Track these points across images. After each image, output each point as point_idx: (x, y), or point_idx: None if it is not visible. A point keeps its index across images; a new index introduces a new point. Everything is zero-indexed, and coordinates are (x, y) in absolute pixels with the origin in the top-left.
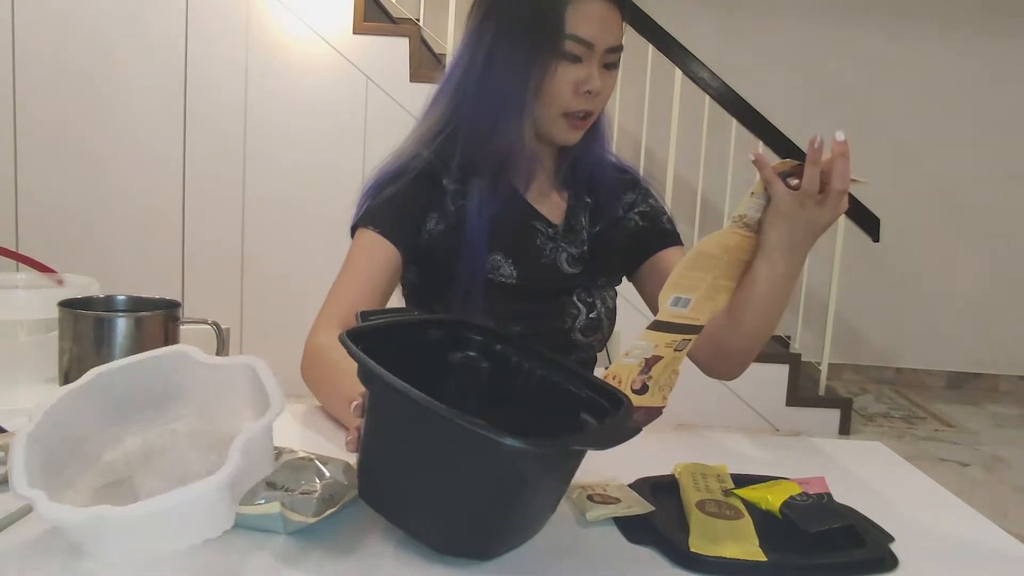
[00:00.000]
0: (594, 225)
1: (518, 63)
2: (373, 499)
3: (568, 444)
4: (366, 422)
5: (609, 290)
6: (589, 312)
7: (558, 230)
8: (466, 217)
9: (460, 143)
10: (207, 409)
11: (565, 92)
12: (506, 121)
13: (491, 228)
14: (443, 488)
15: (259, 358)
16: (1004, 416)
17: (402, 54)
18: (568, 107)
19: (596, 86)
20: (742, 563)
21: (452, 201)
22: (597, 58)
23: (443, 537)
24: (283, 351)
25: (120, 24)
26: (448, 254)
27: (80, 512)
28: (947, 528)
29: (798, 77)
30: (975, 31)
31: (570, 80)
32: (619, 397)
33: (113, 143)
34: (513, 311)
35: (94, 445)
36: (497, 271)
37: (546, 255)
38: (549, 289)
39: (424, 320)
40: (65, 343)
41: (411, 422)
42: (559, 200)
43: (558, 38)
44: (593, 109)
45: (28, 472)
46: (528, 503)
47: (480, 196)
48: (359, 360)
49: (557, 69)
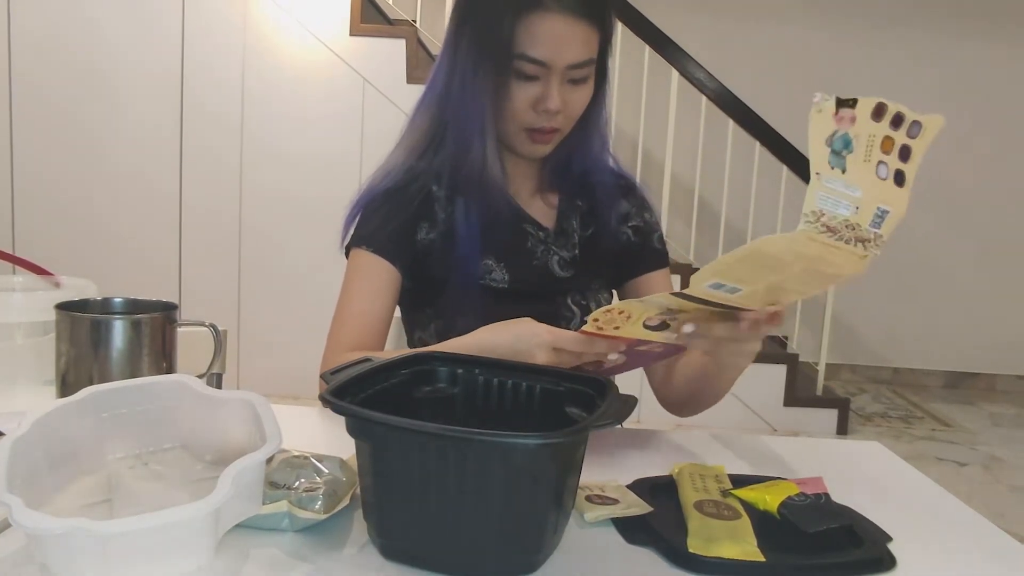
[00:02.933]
0: (585, 229)
1: (475, 80)
2: (404, 555)
3: (585, 426)
4: (367, 481)
5: (604, 292)
6: (584, 315)
7: (549, 233)
8: (456, 225)
9: (445, 152)
10: (200, 440)
11: (522, 110)
12: (472, 136)
13: (482, 234)
14: (474, 513)
15: (258, 395)
16: (1001, 416)
17: (399, 55)
18: (528, 124)
19: (554, 105)
20: (740, 563)
21: (442, 208)
22: (557, 76)
23: (490, 563)
24: (280, 353)
25: (117, 27)
26: (440, 261)
27: (56, 522)
28: (945, 528)
29: (795, 77)
30: (975, 31)
31: (526, 99)
32: (600, 381)
33: (110, 146)
34: (506, 315)
35: (78, 464)
36: (488, 275)
37: (537, 258)
38: (541, 292)
39: (386, 365)
40: (62, 345)
41: (423, 460)
42: (550, 202)
43: (508, 59)
44: (558, 126)
45: (9, 478)
46: (557, 500)
47: (467, 204)
48: (352, 414)
49: (511, 88)
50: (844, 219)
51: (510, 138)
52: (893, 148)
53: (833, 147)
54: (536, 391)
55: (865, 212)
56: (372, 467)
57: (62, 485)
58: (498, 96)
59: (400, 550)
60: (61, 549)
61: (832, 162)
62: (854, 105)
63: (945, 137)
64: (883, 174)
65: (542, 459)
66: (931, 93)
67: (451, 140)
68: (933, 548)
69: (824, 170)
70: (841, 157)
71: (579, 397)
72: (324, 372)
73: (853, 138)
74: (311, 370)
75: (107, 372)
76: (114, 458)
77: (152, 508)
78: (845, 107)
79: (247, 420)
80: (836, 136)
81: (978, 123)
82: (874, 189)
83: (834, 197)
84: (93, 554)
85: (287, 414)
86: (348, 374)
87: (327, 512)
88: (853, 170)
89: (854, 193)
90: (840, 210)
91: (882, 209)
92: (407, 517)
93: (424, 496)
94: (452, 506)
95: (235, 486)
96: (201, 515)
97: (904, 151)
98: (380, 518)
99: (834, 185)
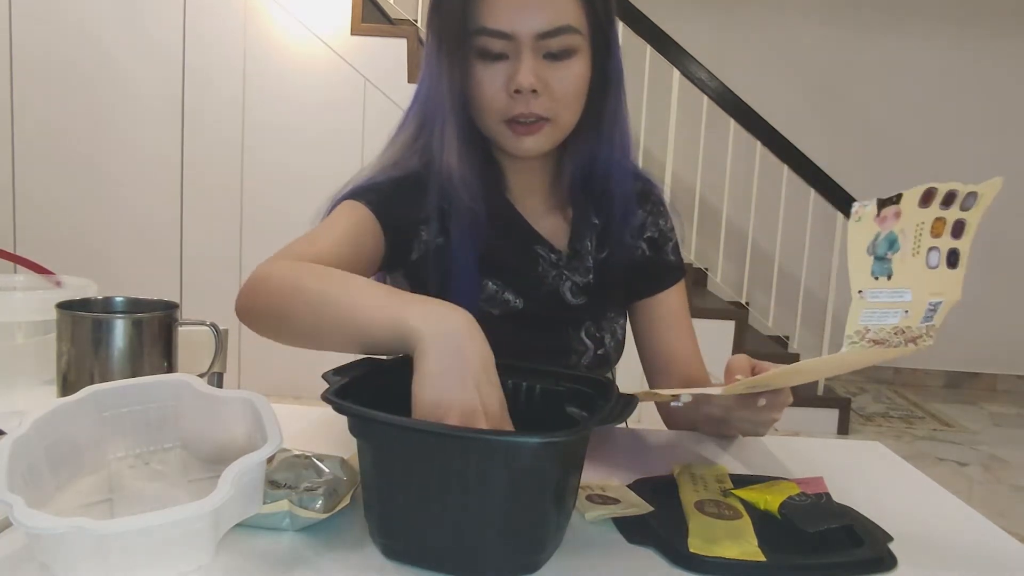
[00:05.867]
0: (601, 250)
1: (439, 70)
2: (406, 555)
3: (587, 426)
4: (369, 481)
5: (619, 320)
6: (597, 349)
7: (562, 256)
8: (452, 245)
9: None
10: (200, 440)
11: (494, 95)
12: (437, 139)
13: (487, 253)
14: (475, 513)
15: (259, 394)
16: (1002, 415)
17: (400, 55)
18: (504, 112)
19: (525, 80)
20: (741, 563)
21: (444, 219)
22: (527, 49)
23: (491, 562)
24: (281, 353)
25: (118, 27)
26: (438, 277)
27: (57, 521)
28: (946, 528)
29: (796, 77)
30: (976, 31)
31: (495, 82)
32: (600, 380)
33: (111, 145)
34: (516, 347)
35: (79, 463)
36: (494, 299)
37: (548, 283)
38: (553, 320)
39: (389, 365)
40: (63, 345)
41: (425, 460)
42: (562, 219)
43: (467, 36)
44: (540, 111)
45: (9, 478)
46: (559, 500)
47: (460, 228)
48: (354, 414)
49: (478, 72)
50: (893, 327)
51: (492, 134)
52: (945, 229)
53: (876, 253)
54: (536, 391)
55: (915, 313)
56: (374, 467)
57: (62, 484)
58: (467, 84)
59: (402, 550)
60: (61, 549)
61: (876, 271)
62: (899, 200)
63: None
64: (934, 262)
65: (544, 459)
66: (933, 92)
67: (429, 140)
68: (934, 548)
69: (867, 285)
70: (886, 261)
71: (579, 397)
72: (326, 372)
73: (899, 234)
74: (312, 370)
75: (108, 371)
76: (115, 457)
77: (152, 508)
78: (888, 205)
79: (248, 419)
80: (879, 239)
81: (978, 122)
82: (925, 284)
83: (880, 310)
84: (93, 554)
85: (288, 414)
86: (350, 374)
87: (328, 512)
88: (900, 271)
89: (903, 298)
90: (888, 320)
91: (934, 303)
92: (409, 517)
93: (426, 496)
94: (454, 506)
95: (235, 486)
96: (201, 515)
97: (958, 227)
98: (382, 518)
99: (879, 298)
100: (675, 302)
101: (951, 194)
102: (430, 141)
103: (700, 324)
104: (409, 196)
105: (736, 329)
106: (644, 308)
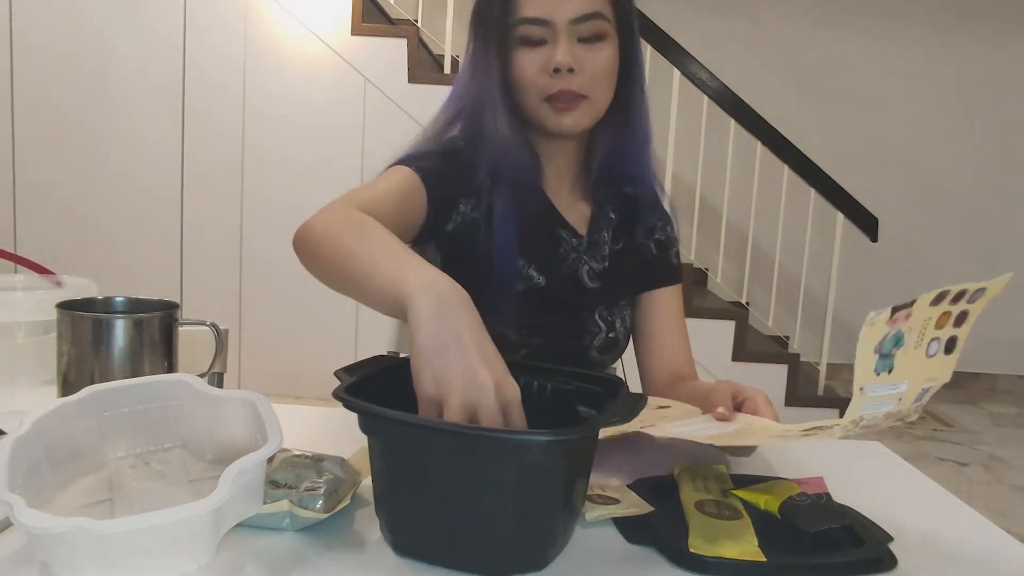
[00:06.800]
0: (616, 243)
1: (487, 59)
2: (415, 551)
3: (596, 424)
4: (379, 477)
5: (628, 310)
6: (609, 332)
7: (583, 241)
8: (493, 223)
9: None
10: (201, 440)
11: (535, 77)
12: (489, 119)
13: (518, 231)
14: (485, 510)
15: (259, 394)
16: (1003, 415)
17: (400, 55)
18: (545, 90)
19: (563, 61)
20: (741, 563)
21: (486, 195)
22: (563, 34)
23: (499, 559)
24: (281, 352)
25: (119, 25)
26: (473, 252)
27: (58, 521)
28: (946, 528)
29: (797, 77)
30: (974, 33)
31: (536, 64)
32: (609, 379)
33: (111, 145)
34: (535, 323)
35: (79, 463)
36: (519, 275)
37: (568, 265)
38: (571, 301)
39: (400, 362)
40: (63, 345)
41: (436, 457)
42: (584, 210)
43: (510, 27)
44: (577, 88)
45: (10, 477)
46: (567, 497)
47: (504, 203)
48: (365, 411)
49: (521, 58)
50: (885, 413)
51: (532, 113)
52: (949, 320)
53: (882, 351)
54: (548, 390)
55: (908, 399)
56: (384, 464)
57: (63, 484)
58: (511, 71)
59: (412, 546)
60: (62, 548)
61: (879, 367)
62: (911, 304)
63: (946, 138)
64: (933, 351)
65: (554, 456)
66: (933, 92)
67: (472, 124)
68: (934, 548)
69: (869, 381)
70: (889, 357)
71: (590, 396)
72: (338, 370)
73: (906, 331)
74: (312, 369)
75: (108, 371)
76: (115, 457)
77: (153, 508)
78: (901, 310)
79: (248, 419)
80: (887, 338)
81: (978, 123)
82: (921, 371)
83: (877, 402)
84: (94, 553)
85: (288, 414)
86: (361, 372)
87: (328, 512)
88: (901, 364)
89: (898, 389)
90: (882, 409)
91: (926, 388)
92: (419, 513)
93: (436, 493)
94: (464, 503)
95: (236, 486)
96: (202, 515)
97: (961, 317)
98: (392, 514)
99: (878, 392)
100: (672, 301)
101: (961, 293)
102: (474, 123)
103: (700, 324)
104: (455, 169)
105: (736, 329)
106: (641, 304)
